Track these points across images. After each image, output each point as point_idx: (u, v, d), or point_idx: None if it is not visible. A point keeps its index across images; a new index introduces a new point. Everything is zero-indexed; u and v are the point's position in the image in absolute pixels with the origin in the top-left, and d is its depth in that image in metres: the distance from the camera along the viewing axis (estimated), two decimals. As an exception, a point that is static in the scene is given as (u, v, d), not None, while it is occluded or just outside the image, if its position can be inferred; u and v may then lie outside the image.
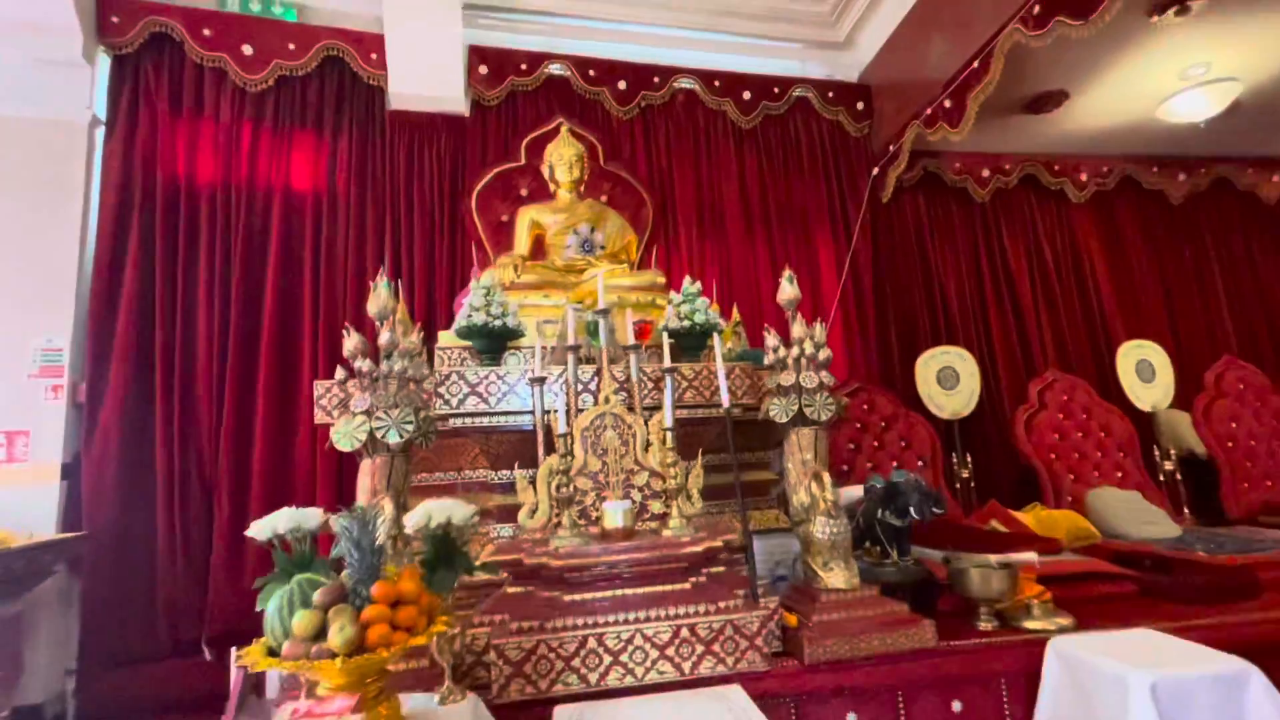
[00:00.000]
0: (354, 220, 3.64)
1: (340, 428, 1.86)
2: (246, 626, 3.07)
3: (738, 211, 4.20)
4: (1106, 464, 3.58)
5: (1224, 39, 3.25)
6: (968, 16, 3.38)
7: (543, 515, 2.02)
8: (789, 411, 2.15)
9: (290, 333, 3.45)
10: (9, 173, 3.09)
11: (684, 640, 1.78)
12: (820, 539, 2.05)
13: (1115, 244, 4.65)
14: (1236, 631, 1.99)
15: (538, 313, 2.82)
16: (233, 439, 3.24)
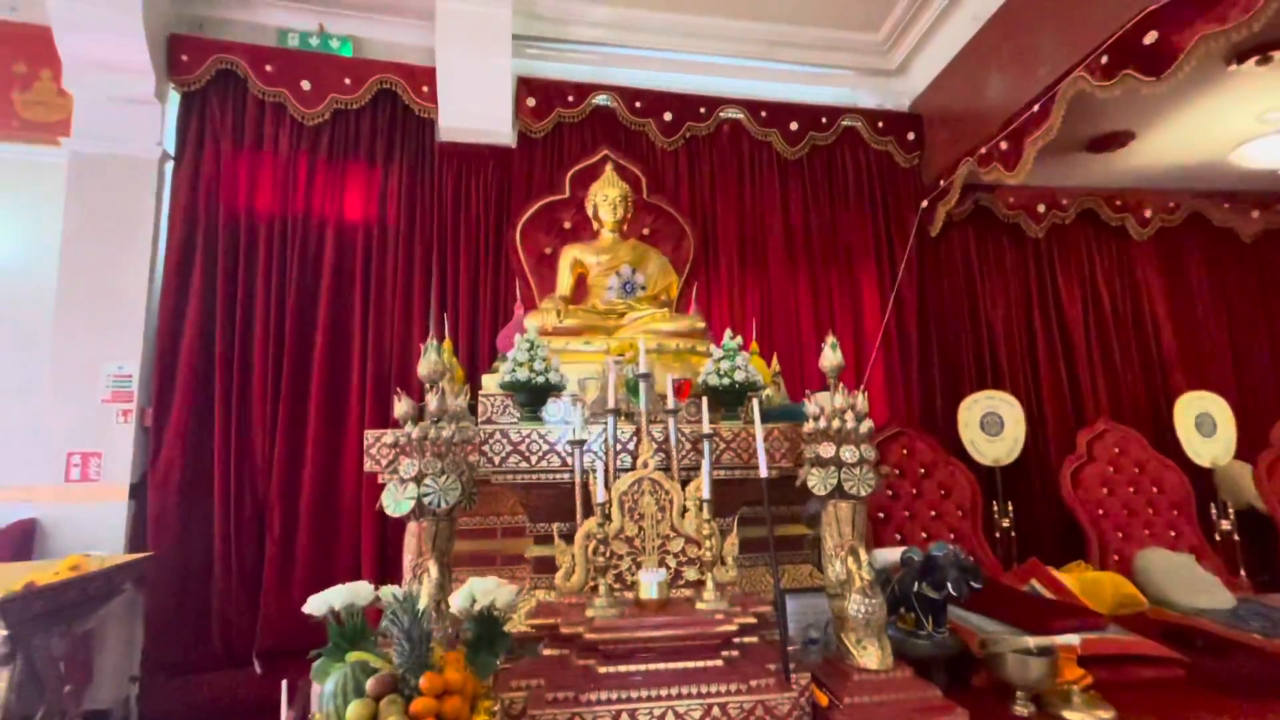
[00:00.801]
0: (402, 250, 3.74)
1: (390, 495, 1.93)
2: (294, 641, 3.22)
3: (780, 244, 4.16)
4: (1159, 522, 3.45)
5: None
6: (1030, 56, 3.27)
7: (579, 579, 2.07)
8: (828, 485, 2.14)
9: (340, 361, 3.58)
10: (86, 207, 3.28)
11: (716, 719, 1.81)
12: (856, 616, 2.05)
13: (1179, 285, 4.45)
14: None
15: (578, 357, 2.86)
16: (284, 463, 3.40)
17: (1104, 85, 2.77)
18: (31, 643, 2.42)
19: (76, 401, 3.15)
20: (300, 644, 3.23)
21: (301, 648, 3.19)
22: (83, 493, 3.12)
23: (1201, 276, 4.45)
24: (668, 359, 2.84)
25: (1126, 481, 3.54)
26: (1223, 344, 4.38)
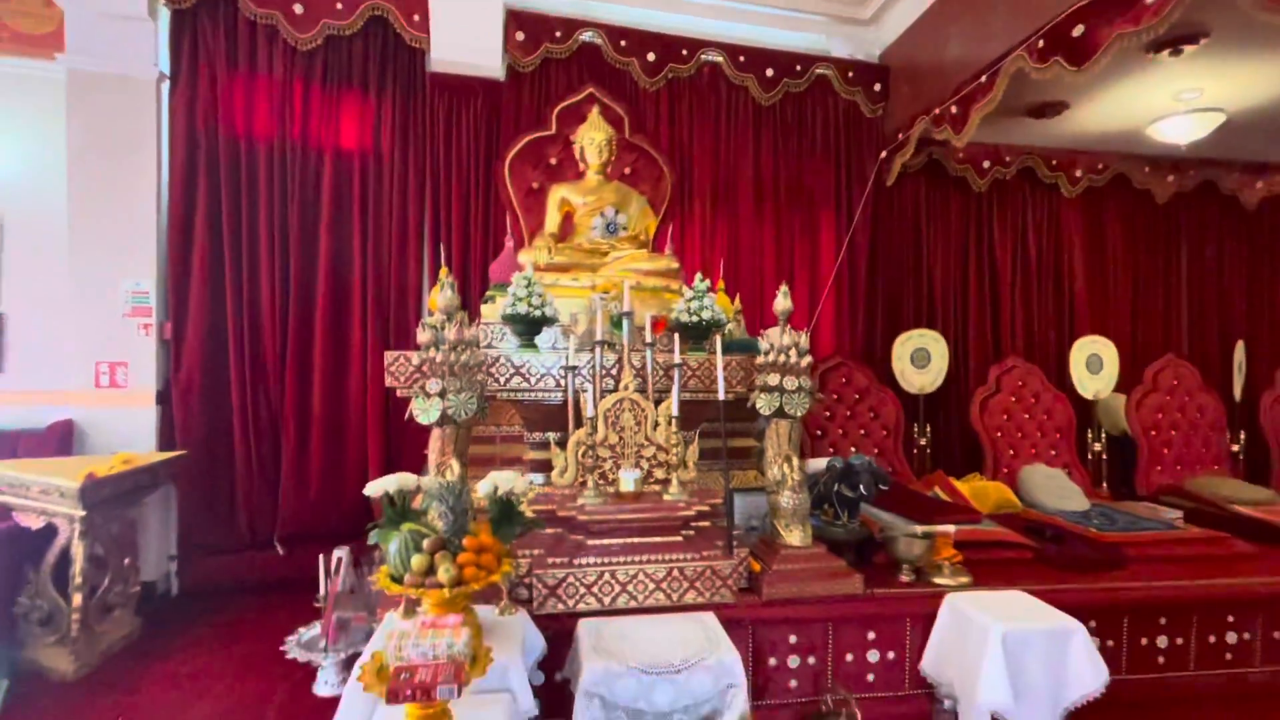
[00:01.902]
0: (397, 179, 3.96)
1: (419, 407, 2.37)
2: (310, 528, 3.75)
3: (749, 187, 4.51)
4: (1044, 443, 4.16)
5: (1216, 72, 3.47)
6: (983, 30, 3.57)
7: (570, 476, 2.58)
8: (772, 407, 2.66)
9: (342, 284, 3.88)
10: (88, 126, 3.39)
11: (674, 578, 2.40)
12: (785, 507, 2.63)
13: (1097, 240, 5.00)
14: (1089, 596, 2.63)
15: (566, 292, 3.25)
16: (295, 379, 3.76)
17: (1039, 67, 3.13)
18: (98, 522, 2.85)
19: (99, 315, 3.41)
20: (315, 530, 3.80)
21: (316, 534, 3.76)
22: (113, 398, 3.45)
23: (1116, 233, 5.01)
24: (645, 296, 3.25)
25: (1024, 409, 4.21)
26: (1125, 294, 5.01)
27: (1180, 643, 2.73)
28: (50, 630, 2.80)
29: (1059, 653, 2.23)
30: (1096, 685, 2.20)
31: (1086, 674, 2.22)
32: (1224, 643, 2.75)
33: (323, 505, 3.81)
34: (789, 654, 2.47)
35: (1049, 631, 2.23)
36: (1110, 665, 2.64)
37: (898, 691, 2.52)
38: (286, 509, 3.79)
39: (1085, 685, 2.21)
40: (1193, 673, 2.72)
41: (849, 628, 2.50)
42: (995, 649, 2.17)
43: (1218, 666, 2.74)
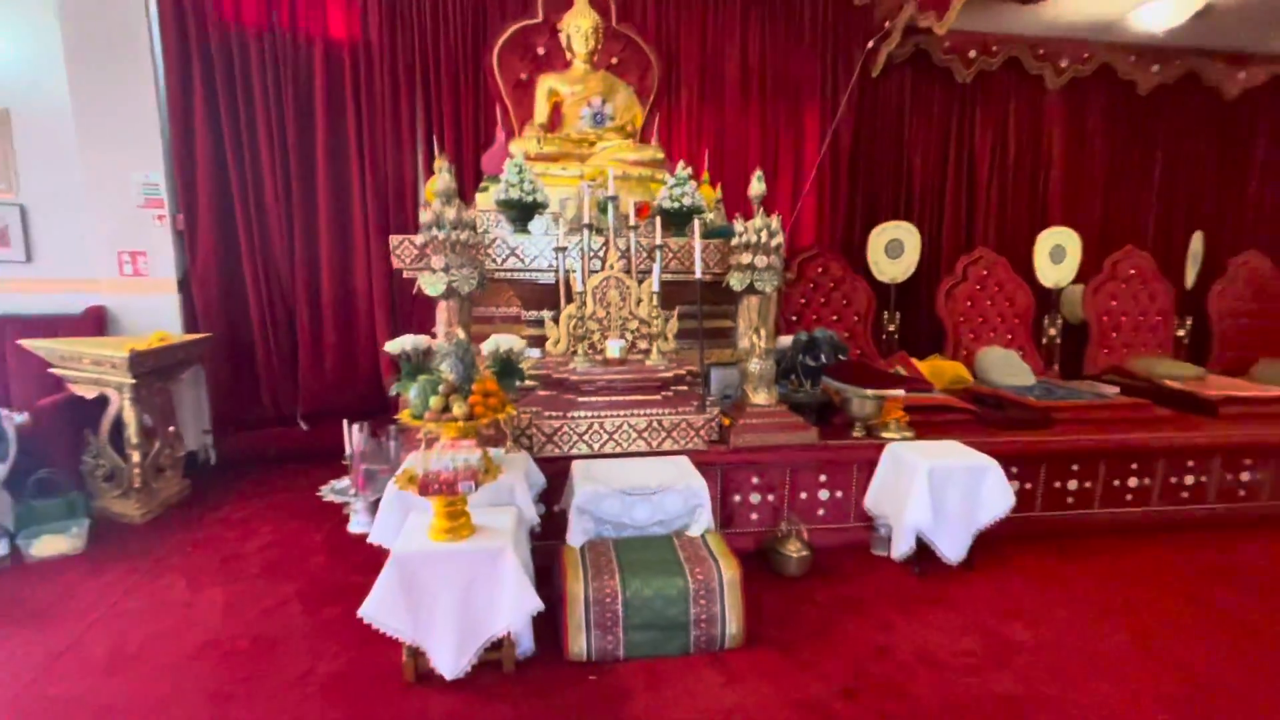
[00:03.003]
0: (388, 70, 4.02)
1: (427, 280, 2.65)
2: (329, 406, 4.13)
3: (736, 78, 4.56)
4: (1003, 328, 4.49)
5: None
6: (971, -95, 3.53)
7: (563, 345, 2.91)
8: (744, 283, 2.95)
9: (341, 174, 4.03)
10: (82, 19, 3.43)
11: (654, 428, 2.78)
12: (753, 371, 2.99)
13: (1076, 132, 5.09)
14: (1013, 447, 3.04)
15: (555, 180, 3.44)
16: (305, 267, 4.01)
17: (1017, -51, 3.17)
18: (144, 392, 3.21)
19: (115, 207, 3.60)
20: (333, 408, 4.18)
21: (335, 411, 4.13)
22: (137, 285, 3.71)
23: (1096, 125, 5.09)
24: (631, 184, 3.45)
25: (987, 297, 4.50)
26: (1099, 186, 5.17)
27: (1088, 486, 3.18)
28: (114, 485, 3.22)
29: (975, 484, 2.65)
30: (1003, 510, 2.65)
31: (997, 502, 2.66)
32: (1126, 486, 3.21)
33: (338, 385, 4.18)
34: (751, 492, 2.90)
35: (968, 467, 2.65)
36: (1026, 504, 3.13)
37: (843, 524, 2.98)
38: (306, 388, 4.16)
39: (995, 510, 2.66)
40: (1096, 510, 3.20)
41: (804, 472, 2.93)
42: (922, 481, 2.59)
43: (1118, 506, 3.21)
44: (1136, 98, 5.04)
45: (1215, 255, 4.98)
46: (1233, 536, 3.13)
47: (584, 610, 2.07)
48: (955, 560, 2.68)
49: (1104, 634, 2.29)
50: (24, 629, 2.25)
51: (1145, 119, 5.14)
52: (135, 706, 1.87)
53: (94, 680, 1.99)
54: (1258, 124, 5.26)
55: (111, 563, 2.74)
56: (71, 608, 2.40)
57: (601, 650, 2.08)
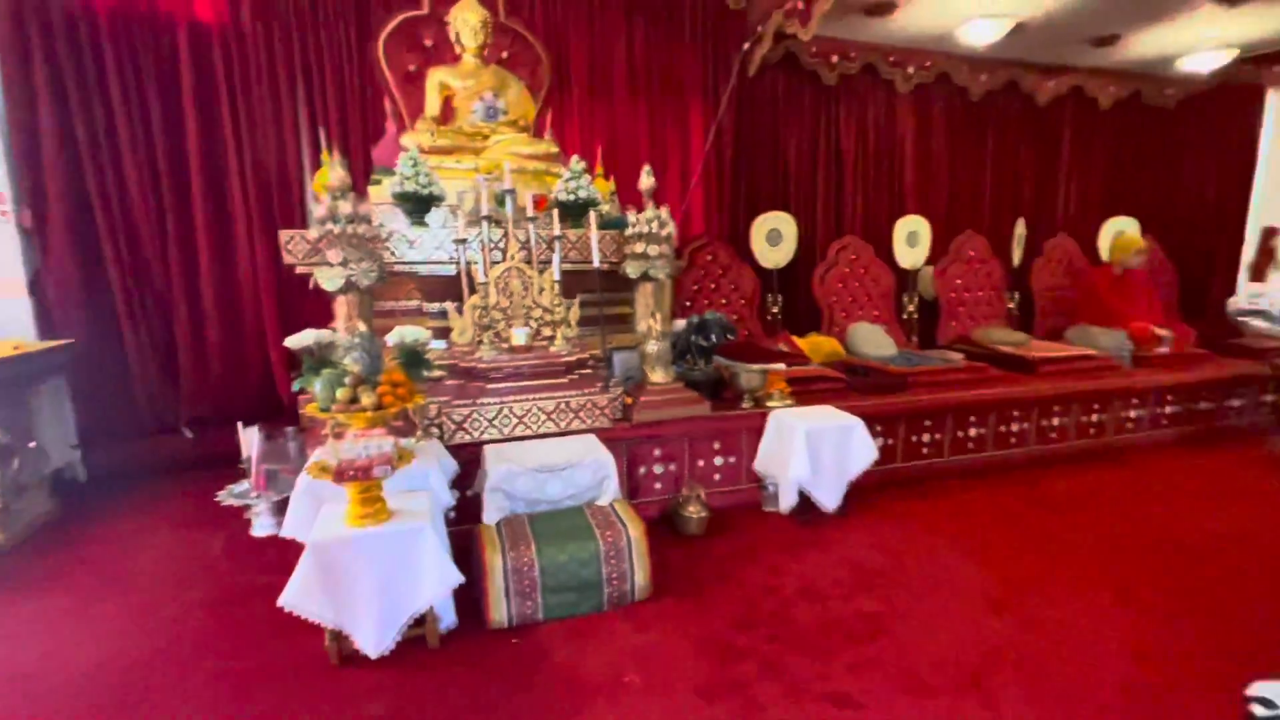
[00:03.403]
0: (264, 58, 3.85)
1: (324, 274, 2.64)
2: (216, 410, 3.94)
3: (624, 77, 4.76)
4: (869, 306, 5.04)
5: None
6: (826, -74, 3.93)
7: (469, 335, 2.99)
8: (639, 271, 3.17)
9: (217, 165, 3.83)
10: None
11: (562, 410, 2.95)
12: (651, 352, 3.23)
13: (924, 131, 5.77)
14: (877, 408, 3.50)
15: (450, 174, 3.48)
16: (181, 264, 3.78)
17: (864, -31, 3.60)
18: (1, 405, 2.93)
19: (-56, 201, 3.23)
20: (222, 412, 3.98)
21: (223, 415, 3.95)
22: (-25, 288, 3.35)
23: (940, 125, 5.80)
24: (527, 177, 3.56)
25: (855, 279, 5.04)
26: (944, 178, 5.90)
27: (939, 437, 3.72)
28: (-34, 510, 2.93)
29: (844, 441, 3.05)
30: (868, 461, 3.07)
31: (863, 454, 3.07)
32: (968, 436, 3.78)
33: (226, 387, 3.98)
34: (654, 463, 3.15)
35: (838, 426, 3.04)
36: (889, 457, 3.60)
37: (736, 485, 3.30)
38: (189, 392, 3.93)
39: (861, 461, 3.07)
40: (945, 459, 3.75)
41: (700, 441, 3.21)
42: (800, 440, 2.94)
43: (962, 453, 3.78)
44: (970, 102, 5.78)
45: (1035, 238, 5.83)
46: (1046, 471, 3.78)
47: (502, 580, 2.21)
48: (832, 508, 3.07)
49: (946, 556, 2.75)
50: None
51: (977, 120, 5.91)
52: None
53: (-25, 707, 1.88)
54: (1063, 127, 6.20)
55: (-25, 591, 2.53)
56: (-67, 640, 2.21)
57: (522, 615, 2.24)
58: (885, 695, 1.88)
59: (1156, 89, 6.15)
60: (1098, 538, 2.90)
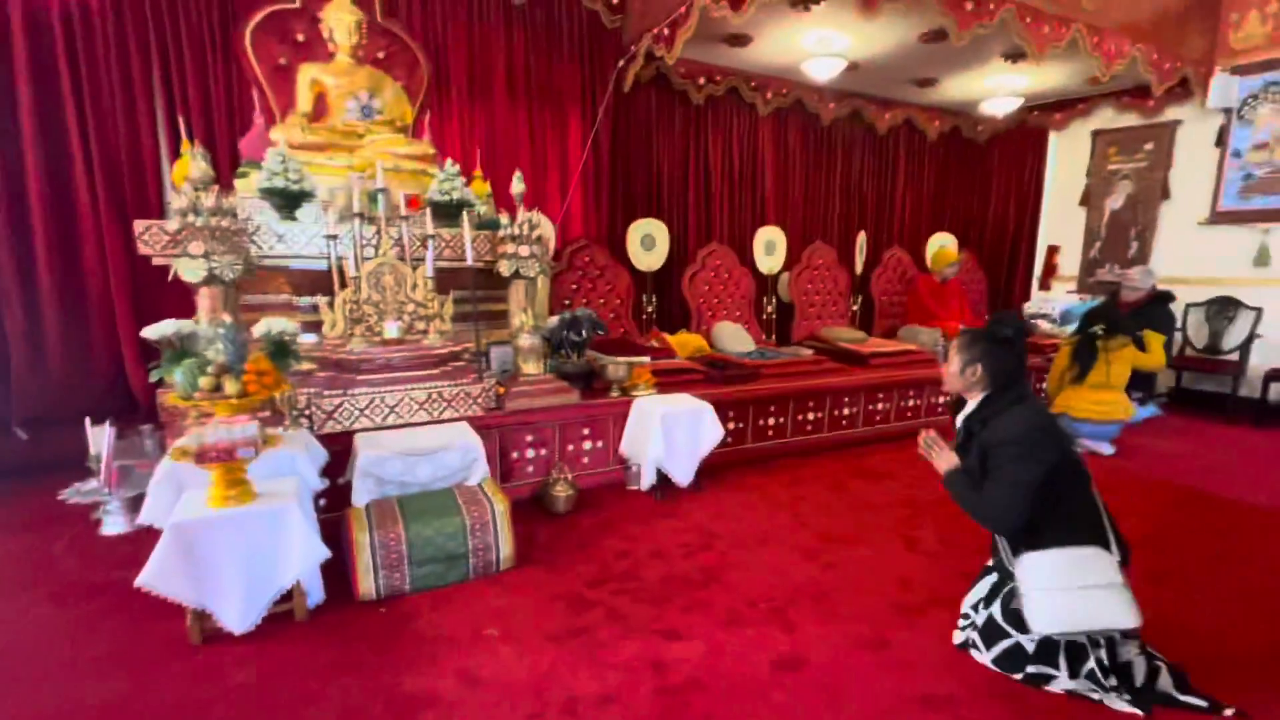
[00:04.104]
0: (114, 38, 3.67)
1: (184, 265, 2.65)
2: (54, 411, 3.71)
3: (504, 84, 4.95)
4: (732, 306, 5.57)
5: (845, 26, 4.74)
6: (686, -37, 4.36)
7: (340, 329, 3.08)
8: (511, 269, 3.40)
9: (57, 148, 3.60)
10: None
11: (435, 400, 3.11)
12: (523, 345, 3.46)
13: (782, 150, 6.43)
14: (730, 395, 3.96)
15: (323, 170, 3.53)
16: (11, 253, 3.52)
17: (716, 5, 4.05)
18: None
19: None
20: (62, 412, 3.78)
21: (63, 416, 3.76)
22: None
23: (796, 145, 6.49)
24: (404, 177, 3.68)
25: (720, 282, 5.55)
26: (800, 193, 6.61)
27: (782, 421, 4.24)
28: None
29: (696, 423, 3.45)
30: (715, 439, 3.49)
31: (712, 434, 3.49)
32: (807, 420, 4.34)
33: (68, 385, 3.74)
34: (527, 449, 3.39)
35: (690, 410, 3.43)
36: (740, 439, 4.06)
37: (604, 468, 3.62)
38: (21, 392, 3.66)
39: (710, 441, 3.48)
40: (787, 439, 4.28)
41: (570, 427, 3.49)
42: (657, 423, 3.30)
43: (802, 434, 4.34)
44: (821, 127, 6.51)
45: (875, 250, 6.67)
46: (871, 449, 4.43)
47: (370, 555, 2.36)
48: (685, 483, 3.46)
49: (777, 519, 3.21)
50: None
51: (828, 143, 6.67)
52: None
53: None
54: (899, 153, 7.12)
55: None
56: None
57: (390, 587, 2.40)
58: (708, 629, 2.25)
59: (971, 125, 7.24)
60: (901, 501, 3.49)
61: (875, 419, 4.68)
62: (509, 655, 2.08)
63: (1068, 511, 1.88)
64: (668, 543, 2.92)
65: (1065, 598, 1.80)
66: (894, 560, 2.79)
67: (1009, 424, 1.88)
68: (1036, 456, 1.83)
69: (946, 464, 2.02)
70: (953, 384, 2.05)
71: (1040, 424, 1.88)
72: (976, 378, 1.98)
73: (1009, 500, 1.83)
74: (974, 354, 1.98)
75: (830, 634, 2.23)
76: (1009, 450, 1.84)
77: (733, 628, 2.26)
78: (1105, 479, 3.89)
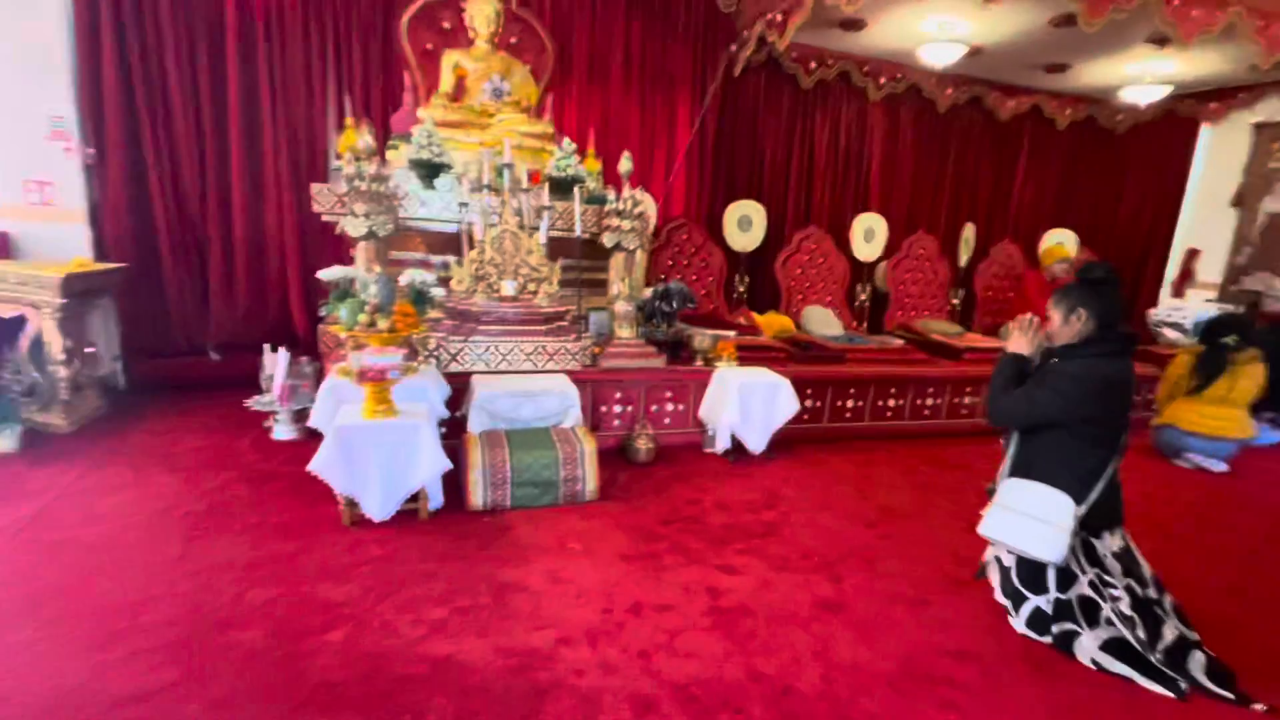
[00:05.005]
0: (300, 29, 4.35)
1: (349, 223, 3.21)
2: (239, 338, 4.51)
3: (620, 67, 5.28)
4: (824, 291, 5.65)
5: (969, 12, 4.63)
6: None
7: (466, 285, 3.57)
8: (613, 241, 3.76)
9: (253, 122, 4.35)
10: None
11: (539, 352, 3.54)
12: (620, 313, 3.82)
13: (892, 135, 6.32)
14: (810, 374, 4.12)
15: (459, 146, 4.03)
16: (217, 206, 4.32)
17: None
18: (67, 313, 3.49)
19: (22, 138, 3.73)
20: (245, 340, 4.55)
21: (245, 343, 4.51)
22: (44, 213, 3.87)
23: (907, 131, 6.35)
24: (525, 154, 4.11)
25: (814, 266, 5.63)
26: (907, 181, 6.47)
27: (860, 404, 4.35)
28: (34, 400, 3.50)
29: (772, 396, 3.67)
30: (790, 413, 3.69)
31: (787, 408, 3.69)
32: (887, 406, 4.42)
33: (249, 318, 4.55)
34: (615, 404, 3.76)
35: (768, 383, 3.66)
36: (817, 418, 4.23)
37: (684, 429, 3.92)
38: (218, 321, 4.50)
39: (785, 414, 3.69)
40: (865, 422, 4.38)
41: (655, 389, 3.82)
42: (733, 392, 3.56)
43: (881, 420, 4.42)
44: (936, 113, 6.33)
45: (985, 242, 6.44)
46: (952, 442, 4.43)
47: (480, 473, 2.82)
48: (758, 451, 3.70)
49: (841, 491, 3.39)
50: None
51: (942, 130, 6.47)
52: (117, 544, 2.41)
53: (73, 531, 2.48)
54: (1022, 142, 6.76)
55: (52, 459, 3.12)
56: (24, 490, 2.79)
57: (494, 501, 2.86)
58: (758, 569, 2.52)
59: (1109, 114, 6.72)
60: (970, 488, 3.54)
61: (961, 412, 4.65)
62: (586, 565, 2.46)
63: (1069, 460, 2.01)
64: (734, 498, 3.19)
65: (1011, 517, 2.04)
66: (951, 537, 2.90)
67: (1075, 362, 2.03)
68: (1074, 400, 1.96)
69: (1015, 348, 2.18)
70: (1061, 337, 2.12)
71: (1102, 376, 2.00)
72: (1082, 322, 2.05)
73: (1020, 409, 2.07)
74: (1071, 301, 2.08)
75: (874, 588, 2.43)
76: (1057, 381, 2.00)
77: (783, 572, 2.51)
78: (1208, 494, 3.72)
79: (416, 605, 2.14)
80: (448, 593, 2.23)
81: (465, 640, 1.98)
